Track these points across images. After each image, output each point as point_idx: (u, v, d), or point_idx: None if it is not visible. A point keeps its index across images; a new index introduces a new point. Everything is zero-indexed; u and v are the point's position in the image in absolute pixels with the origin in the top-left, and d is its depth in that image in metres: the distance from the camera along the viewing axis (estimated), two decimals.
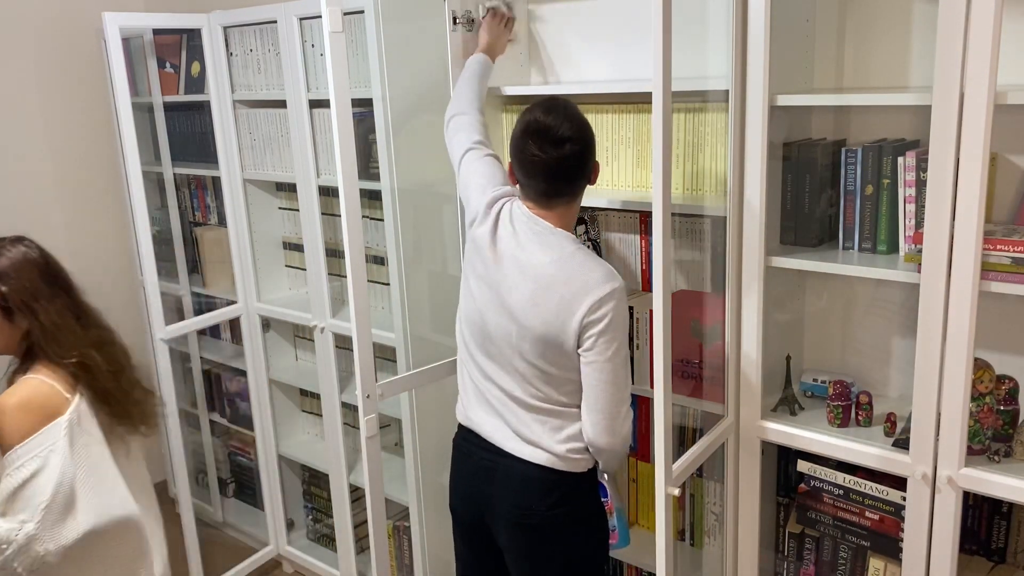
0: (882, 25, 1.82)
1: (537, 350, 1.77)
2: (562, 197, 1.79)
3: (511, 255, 1.80)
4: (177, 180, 3.37)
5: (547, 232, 1.79)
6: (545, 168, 1.74)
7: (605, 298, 1.71)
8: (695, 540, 2.24)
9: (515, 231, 1.81)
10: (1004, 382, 1.67)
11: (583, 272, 1.73)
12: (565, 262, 1.75)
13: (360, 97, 2.18)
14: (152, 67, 3.18)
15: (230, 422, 3.41)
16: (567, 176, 1.77)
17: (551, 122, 1.73)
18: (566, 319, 1.72)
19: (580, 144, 1.74)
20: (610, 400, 1.75)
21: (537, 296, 1.75)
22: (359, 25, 2.35)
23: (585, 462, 1.83)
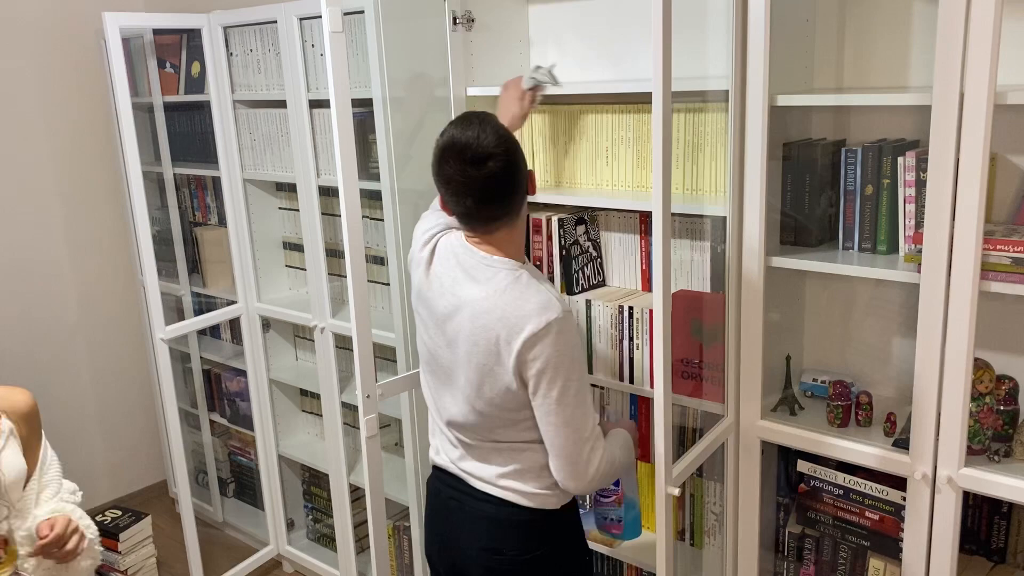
0: (882, 25, 1.82)
1: (485, 392, 1.65)
2: (498, 220, 1.63)
3: (448, 291, 1.68)
4: (177, 180, 3.37)
5: (481, 264, 1.65)
6: (470, 191, 1.58)
7: (539, 334, 1.56)
8: (695, 540, 2.24)
9: (450, 265, 1.69)
10: (1004, 382, 1.67)
11: (515, 306, 1.59)
12: (498, 297, 1.60)
13: (360, 97, 2.18)
14: (152, 67, 3.18)
15: (230, 422, 3.41)
16: (496, 196, 1.60)
17: (468, 138, 1.57)
18: (504, 359, 1.59)
19: (503, 158, 1.57)
20: (566, 443, 1.61)
21: (475, 335, 1.62)
22: (359, 25, 2.35)
23: (556, 498, 1.72)
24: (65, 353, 3.52)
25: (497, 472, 1.72)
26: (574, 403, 1.60)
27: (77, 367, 3.57)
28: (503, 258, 1.65)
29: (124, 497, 3.79)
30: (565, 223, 2.15)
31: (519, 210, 1.67)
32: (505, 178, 1.59)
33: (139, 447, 3.82)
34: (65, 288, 3.49)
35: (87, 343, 3.59)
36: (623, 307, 2.06)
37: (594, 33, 2.25)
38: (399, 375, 2.19)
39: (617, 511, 2.18)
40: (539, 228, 2.19)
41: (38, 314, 3.42)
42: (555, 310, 1.58)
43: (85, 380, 3.59)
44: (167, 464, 3.78)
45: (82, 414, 3.61)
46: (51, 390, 3.49)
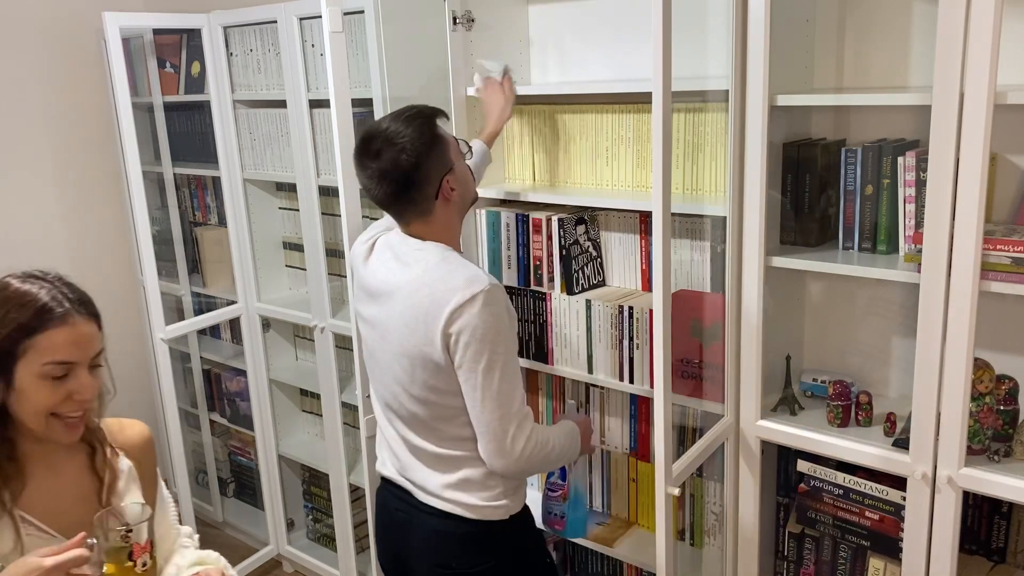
0: (882, 25, 1.82)
1: (418, 378, 1.64)
2: (407, 211, 1.67)
3: (381, 282, 1.69)
4: (177, 180, 3.37)
5: (413, 248, 1.67)
6: (370, 180, 1.65)
7: (465, 304, 1.56)
8: (695, 540, 2.24)
9: (385, 257, 1.72)
10: (1004, 382, 1.67)
11: (443, 280, 1.60)
12: (427, 274, 1.62)
13: (360, 97, 2.18)
14: (152, 67, 3.18)
15: (230, 422, 3.41)
16: (395, 188, 1.63)
17: (375, 129, 1.64)
18: (432, 334, 1.59)
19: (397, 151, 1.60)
20: (491, 418, 1.59)
21: (405, 316, 1.63)
22: (359, 25, 2.35)
23: (503, 509, 1.71)
24: None
25: (442, 483, 1.70)
26: (500, 377, 1.59)
27: None
28: (432, 242, 1.68)
29: None
30: (565, 223, 2.15)
31: (428, 208, 1.67)
32: (400, 172, 1.62)
33: None
34: None
35: None
36: (623, 307, 2.06)
37: (594, 33, 2.25)
38: None
39: (561, 507, 2.15)
40: (539, 228, 2.19)
41: None
42: (481, 283, 1.58)
43: None
44: (167, 464, 3.78)
45: None
46: None
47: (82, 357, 1.25)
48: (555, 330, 2.20)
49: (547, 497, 2.22)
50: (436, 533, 1.73)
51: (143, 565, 1.21)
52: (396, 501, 1.80)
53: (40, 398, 1.25)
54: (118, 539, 1.20)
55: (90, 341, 1.27)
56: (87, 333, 1.26)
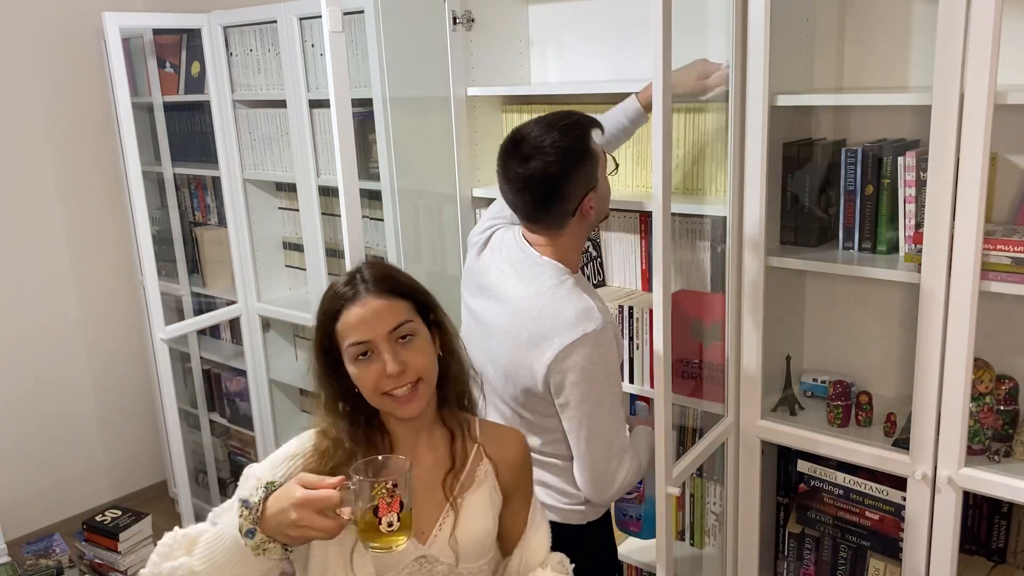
0: (882, 25, 1.82)
1: (510, 391, 1.63)
2: (540, 222, 1.61)
3: (492, 283, 1.66)
4: (177, 180, 3.37)
5: (531, 262, 1.63)
6: (511, 184, 1.58)
7: (575, 344, 1.52)
8: (695, 540, 2.24)
9: (500, 258, 1.68)
10: (1004, 382, 1.67)
11: (555, 311, 1.55)
12: (539, 297, 1.58)
13: (360, 97, 2.18)
14: (152, 67, 3.18)
15: (230, 422, 3.41)
16: (536, 197, 1.57)
17: (526, 133, 1.56)
18: (534, 362, 1.56)
19: (546, 164, 1.53)
20: (595, 458, 1.59)
21: (510, 331, 1.60)
22: (359, 25, 2.34)
23: (580, 515, 1.70)
24: (65, 353, 3.52)
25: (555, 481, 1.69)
26: (606, 418, 1.58)
27: (77, 367, 3.56)
28: (552, 260, 1.62)
29: (124, 497, 3.78)
30: None
31: (562, 223, 1.60)
32: (545, 183, 1.55)
33: (139, 447, 3.81)
34: (65, 288, 3.49)
35: (87, 343, 3.59)
36: (623, 307, 2.06)
37: (594, 33, 2.25)
38: None
39: (637, 509, 2.16)
40: None
41: (38, 314, 3.42)
42: (595, 321, 1.54)
43: (85, 380, 3.59)
44: (167, 464, 3.77)
45: (82, 414, 3.61)
46: (51, 390, 3.49)
47: (375, 334, 1.24)
48: None
49: (621, 500, 2.20)
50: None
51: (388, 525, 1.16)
52: None
53: (362, 380, 1.26)
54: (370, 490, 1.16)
55: (380, 317, 1.24)
56: (376, 309, 1.25)
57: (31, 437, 3.46)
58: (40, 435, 3.48)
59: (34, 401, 3.44)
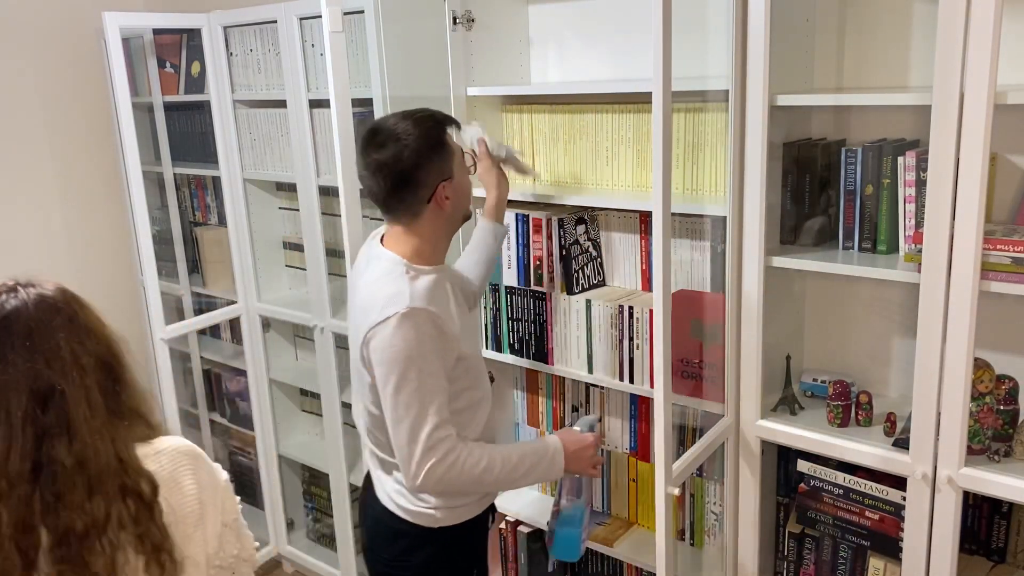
0: (882, 25, 1.82)
1: (356, 386, 1.74)
2: (395, 211, 1.68)
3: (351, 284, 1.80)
4: (177, 180, 3.37)
5: (373, 257, 1.72)
6: (367, 169, 1.66)
7: (380, 326, 1.57)
8: (695, 540, 2.24)
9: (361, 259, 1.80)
10: (1004, 382, 1.67)
11: (372, 295, 1.63)
12: (367, 287, 1.67)
13: (360, 97, 2.18)
14: (152, 67, 3.18)
15: (230, 422, 3.41)
16: (388, 184, 1.64)
17: (385, 123, 1.66)
18: (360, 349, 1.65)
19: (395, 151, 1.61)
20: (400, 441, 1.60)
21: (352, 327, 1.72)
22: (359, 25, 2.35)
23: (431, 518, 1.73)
24: None
25: (387, 480, 1.79)
26: (407, 402, 1.57)
27: None
28: (392, 253, 1.68)
29: None
30: (565, 223, 2.15)
31: (418, 211, 1.67)
32: (398, 169, 1.62)
33: None
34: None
35: None
36: (623, 307, 2.06)
37: (594, 33, 2.25)
38: None
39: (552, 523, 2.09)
40: (539, 228, 2.18)
41: None
42: (401, 304, 1.57)
43: None
44: None
45: None
46: None
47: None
48: (555, 330, 2.21)
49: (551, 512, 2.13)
50: (376, 522, 1.83)
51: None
52: (364, 492, 1.93)
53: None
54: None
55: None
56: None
57: None
58: None
59: None
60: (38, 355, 1.09)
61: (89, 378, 1.12)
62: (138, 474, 1.11)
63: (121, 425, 1.14)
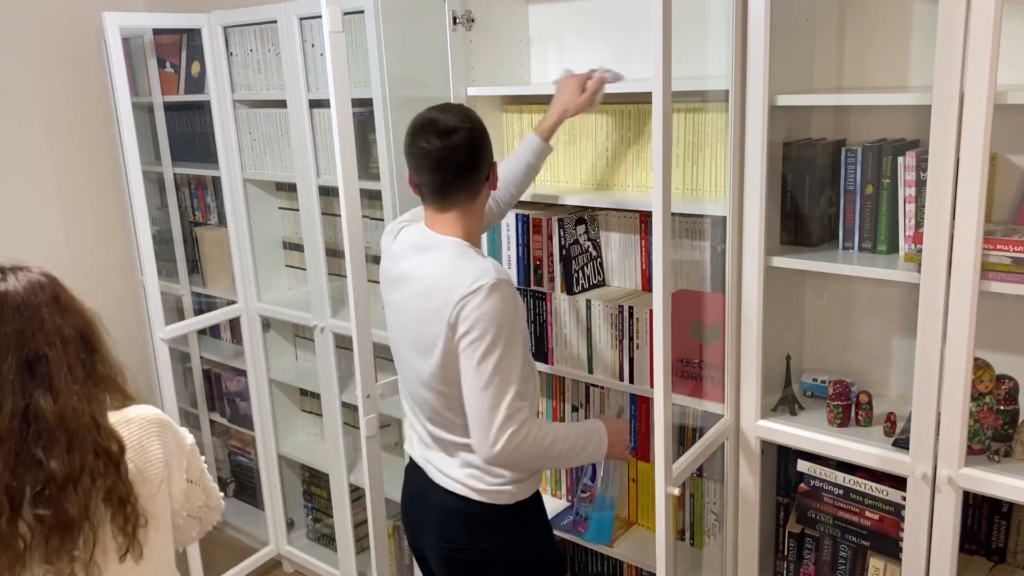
0: (882, 25, 1.82)
1: (428, 368, 1.70)
2: (457, 194, 1.71)
3: (402, 272, 1.76)
4: (177, 180, 3.37)
5: (431, 243, 1.73)
6: (431, 159, 1.68)
7: (469, 296, 1.60)
8: (695, 540, 2.24)
9: (407, 248, 1.78)
10: (1004, 382, 1.67)
11: (455, 274, 1.64)
12: (441, 268, 1.67)
13: (360, 97, 2.18)
14: (152, 67, 3.18)
15: (230, 422, 3.41)
16: (457, 167, 1.69)
17: (439, 116, 1.70)
18: (441, 327, 1.64)
19: (468, 133, 1.68)
20: (479, 408, 1.61)
21: (419, 308, 1.70)
22: (359, 25, 2.35)
23: (507, 494, 1.75)
24: None
25: (452, 465, 1.78)
26: (494, 369, 1.59)
27: None
28: (451, 237, 1.72)
29: None
30: (565, 223, 2.15)
31: (477, 192, 1.73)
32: (466, 152, 1.68)
33: None
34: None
35: None
36: (623, 307, 2.06)
37: (594, 33, 2.25)
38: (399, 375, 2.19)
39: (587, 508, 2.13)
40: (539, 228, 2.19)
41: None
42: (489, 276, 1.62)
43: None
44: None
45: None
46: None
47: None
48: (555, 330, 2.21)
49: (578, 498, 2.19)
50: (444, 509, 1.80)
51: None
52: (416, 477, 1.89)
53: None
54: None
55: None
56: None
57: None
58: None
59: None
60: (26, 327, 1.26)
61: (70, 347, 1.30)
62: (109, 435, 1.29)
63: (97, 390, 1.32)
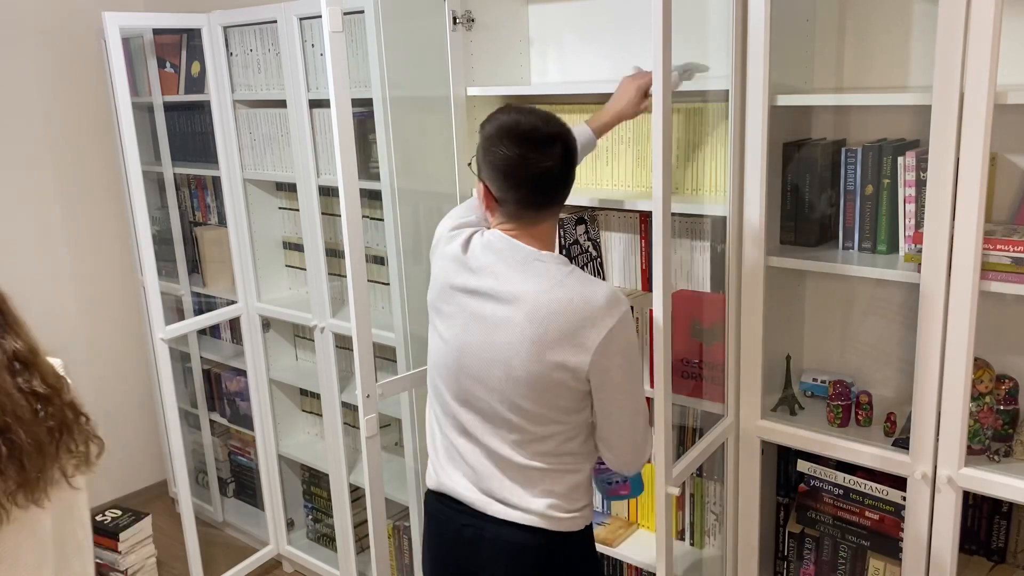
0: (882, 25, 1.82)
1: (531, 393, 1.53)
2: (547, 209, 1.57)
3: (489, 287, 1.56)
4: (177, 180, 3.37)
5: (532, 258, 1.55)
6: (527, 175, 1.50)
7: (617, 327, 1.50)
8: (695, 540, 2.24)
9: (492, 260, 1.57)
10: (1004, 382, 1.67)
11: (583, 299, 1.49)
12: (559, 289, 1.50)
13: (360, 97, 2.18)
14: (152, 67, 3.18)
15: (230, 422, 3.41)
16: (553, 184, 1.54)
17: (533, 122, 1.51)
18: (573, 354, 1.49)
19: (564, 146, 1.52)
20: (635, 431, 1.58)
21: (533, 330, 1.50)
22: (359, 25, 2.35)
23: (581, 519, 1.65)
24: (65, 353, 3.50)
25: (527, 495, 1.60)
26: (640, 392, 1.59)
27: (77, 367, 3.56)
28: (548, 252, 1.58)
29: (124, 497, 3.79)
30: (565, 223, 2.15)
31: (564, 201, 1.60)
32: (564, 166, 1.53)
33: (139, 447, 3.82)
34: (65, 288, 3.49)
35: (87, 343, 3.59)
36: None
37: (594, 33, 2.25)
38: (399, 375, 2.19)
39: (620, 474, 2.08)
40: None
41: (38, 314, 3.41)
42: (623, 301, 1.52)
43: (85, 380, 3.59)
44: (167, 464, 3.78)
45: None
46: None
47: None
48: None
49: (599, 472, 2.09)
50: (512, 546, 1.62)
51: None
52: (463, 516, 1.67)
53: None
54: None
55: None
56: None
57: None
58: None
59: None
60: None
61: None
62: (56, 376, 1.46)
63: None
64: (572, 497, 1.62)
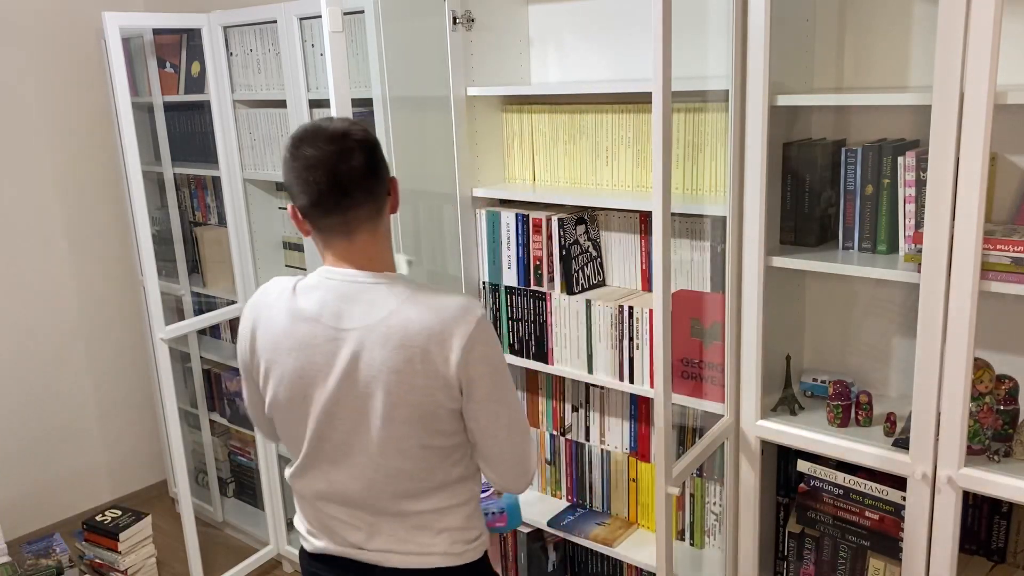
0: (882, 25, 1.82)
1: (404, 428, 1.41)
2: (361, 208, 1.40)
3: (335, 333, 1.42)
4: (177, 180, 3.37)
5: (361, 285, 1.42)
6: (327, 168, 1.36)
7: (474, 334, 1.39)
8: (695, 540, 2.24)
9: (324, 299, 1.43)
10: (1004, 382, 1.67)
11: (434, 311, 1.39)
12: (407, 309, 1.39)
13: (360, 97, 2.18)
14: (152, 67, 3.18)
15: (230, 422, 3.41)
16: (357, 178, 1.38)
17: (323, 123, 1.40)
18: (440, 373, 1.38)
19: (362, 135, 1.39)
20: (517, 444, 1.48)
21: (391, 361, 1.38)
22: (359, 25, 2.35)
23: (481, 545, 1.58)
24: (65, 353, 3.52)
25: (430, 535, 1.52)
26: (514, 399, 1.47)
27: (77, 367, 3.57)
28: (377, 272, 1.44)
29: (124, 497, 3.79)
30: (565, 223, 2.16)
31: (381, 209, 1.44)
32: (364, 156, 1.39)
33: (139, 447, 3.82)
34: (65, 288, 3.49)
35: (87, 343, 3.59)
36: (623, 307, 2.07)
37: (594, 33, 2.25)
38: None
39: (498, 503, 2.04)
40: (539, 228, 2.19)
41: (38, 314, 3.42)
42: (476, 306, 1.42)
43: (85, 380, 3.60)
44: (167, 464, 3.78)
45: (82, 414, 3.61)
46: (51, 390, 3.49)
47: None
48: (555, 330, 2.21)
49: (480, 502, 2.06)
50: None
51: None
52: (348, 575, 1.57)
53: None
54: None
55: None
56: None
57: (31, 437, 3.46)
58: (40, 435, 3.49)
59: (34, 401, 3.45)
60: None
61: None
62: None
63: None
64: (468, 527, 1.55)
